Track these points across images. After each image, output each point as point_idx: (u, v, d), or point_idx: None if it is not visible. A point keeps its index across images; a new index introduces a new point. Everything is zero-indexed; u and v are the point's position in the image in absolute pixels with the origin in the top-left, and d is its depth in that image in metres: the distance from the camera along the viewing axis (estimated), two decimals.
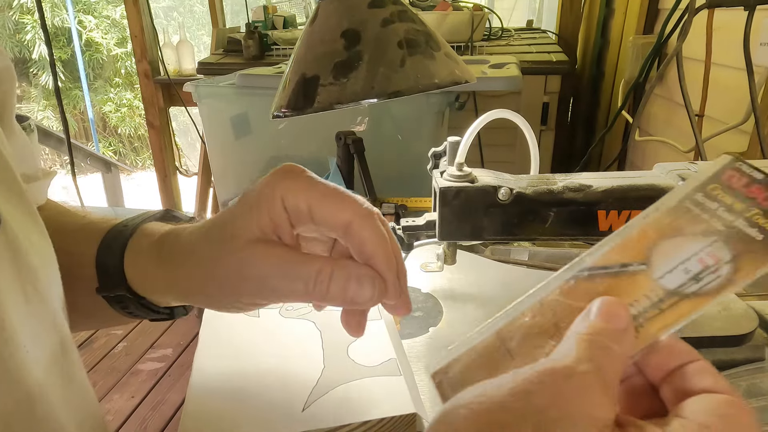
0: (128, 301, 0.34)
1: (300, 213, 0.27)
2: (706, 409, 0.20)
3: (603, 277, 0.24)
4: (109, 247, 0.34)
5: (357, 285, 0.26)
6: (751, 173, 0.23)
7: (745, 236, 0.22)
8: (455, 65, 0.48)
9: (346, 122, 1.34)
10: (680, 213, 0.23)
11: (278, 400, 0.54)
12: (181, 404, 1.73)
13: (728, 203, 0.23)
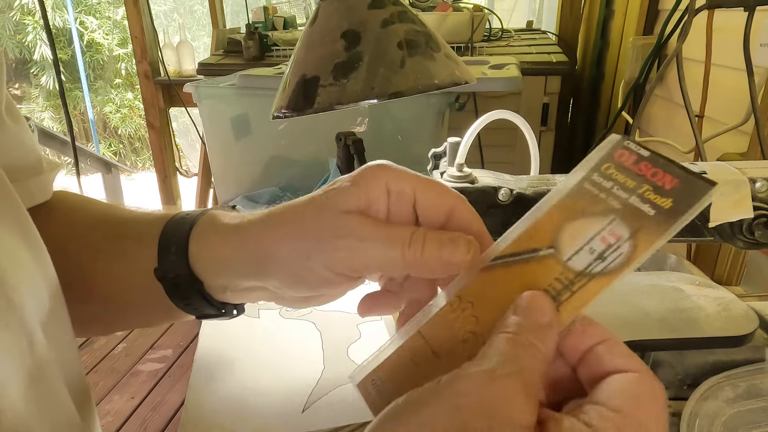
0: (185, 286, 0.32)
1: (403, 196, 0.27)
2: (618, 391, 0.20)
3: (516, 264, 0.24)
4: (175, 225, 0.32)
5: (452, 245, 0.25)
6: (638, 151, 0.24)
7: (640, 212, 0.23)
8: (455, 66, 0.48)
9: (346, 123, 1.34)
10: (581, 194, 0.24)
11: (278, 401, 0.54)
12: (181, 405, 1.73)
13: (622, 181, 0.24)
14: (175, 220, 0.33)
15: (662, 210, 0.23)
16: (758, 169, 0.43)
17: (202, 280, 0.32)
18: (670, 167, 0.23)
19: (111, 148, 7.52)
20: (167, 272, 0.32)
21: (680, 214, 0.22)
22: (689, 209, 0.22)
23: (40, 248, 0.29)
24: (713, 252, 0.93)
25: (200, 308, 0.33)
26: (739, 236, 0.43)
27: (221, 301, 0.33)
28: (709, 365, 0.53)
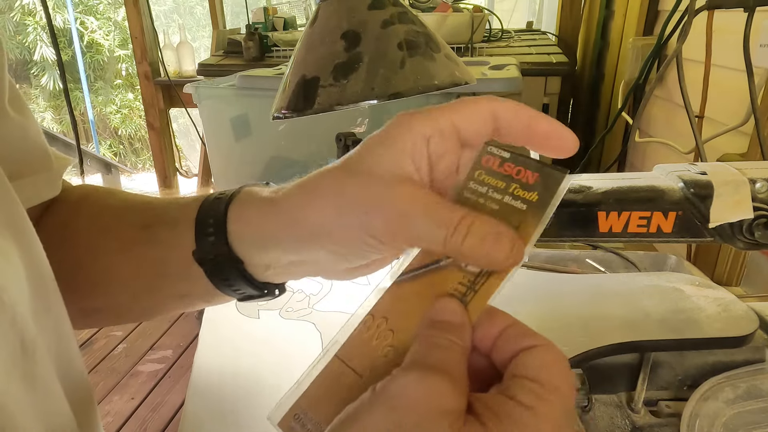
0: (226, 266, 0.31)
1: (444, 135, 0.27)
2: (531, 363, 0.22)
3: (422, 276, 0.26)
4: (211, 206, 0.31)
5: (494, 240, 0.25)
6: (500, 153, 0.26)
7: (515, 209, 0.25)
8: (455, 66, 0.48)
9: (346, 123, 1.34)
10: (464, 203, 0.26)
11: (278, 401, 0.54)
12: (181, 405, 1.73)
13: (494, 184, 0.26)
14: (210, 200, 0.32)
15: (531, 203, 0.25)
16: (758, 170, 0.43)
17: (243, 259, 0.31)
18: (528, 163, 0.26)
19: (111, 148, 7.52)
20: (207, 254, 0.31)
21: (546, 204, 0.25)
22: (552, 198, 0.25)
23: (34, 246, 0.29)
24: (713, 253, 0.93)
25: (243, 289, 0.32)
26: (739, 237, 0.43)
27: (262, 281, 0.32)
28: (709, 366, 0.53)
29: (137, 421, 1.79)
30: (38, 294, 0.28)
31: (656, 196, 0.43)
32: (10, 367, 0.25)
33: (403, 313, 0.26)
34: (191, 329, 2.21)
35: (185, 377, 1.96)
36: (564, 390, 0.22)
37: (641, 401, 0.53)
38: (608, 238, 0.44)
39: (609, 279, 0.71)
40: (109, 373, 2.00)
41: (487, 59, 1.59)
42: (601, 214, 0.43)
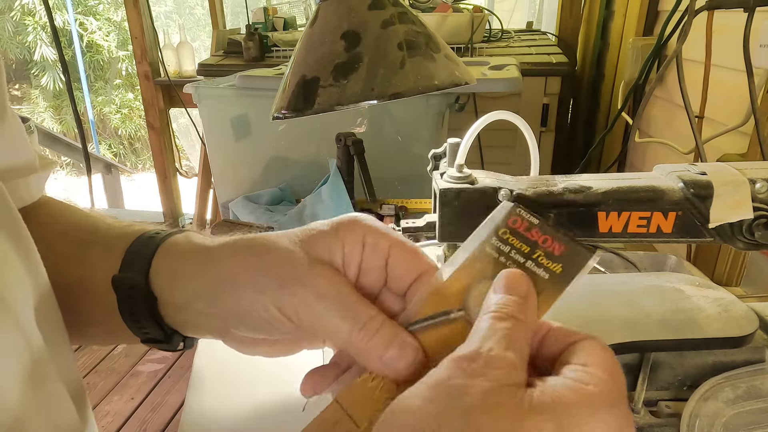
0: (139, 300, 0.31)
1: (378, 250, 0.27)
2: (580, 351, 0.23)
3: (431, 328, 0.25)
4: (147, 239, 0.32)
5: (399, 350, 0.25)
6: (529, 218, 0.26)
7: (536, 276, 0.25)
8: (455, 67, 0.48)
9: (346, 124, 1.34)
10: (482, 257, 0.26)
11: (278, 402, 0.54)
12: (181, 406, 1.73)
13: (518, 246, 0.26)
14: (148, 235, 0.32)
15: (555, 274, 0.25)
16: (758, 170, 0.43)
17: (158, 295, 0.31)
18: (557, 235, 0.26)
19: (111, 149, 7.52)
20: (124, 282, 0.31)
21: (570, 279, 0.25)
22: (576, 274, 0.25)
23: (32, 250, 0.29)
24: (713, 253, 0.93)
25: (148, 329, 0.32)
26: (739, 237, 0.43)
27: (171, 327, 0.32)
28: (709, 366, 0.53)
29: (137, 421, 1.79)
30: (38, 297, 0.28)
31: (656, 196, 0.43)
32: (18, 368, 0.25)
33: (419, 366, 0.25)
34: None
35: (185, 377, 1.96)
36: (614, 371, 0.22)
37: (641, 401, 0.53)
38: (608, 238, 0.44)
39: (609, 279, 0.71)
40: (109, 373, 2.00)
41: (487, 59, 1.59)
42: (601, 214, 0.43)
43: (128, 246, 0.32)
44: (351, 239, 0.28)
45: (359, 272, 0.28)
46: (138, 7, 2.55)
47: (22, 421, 0.24)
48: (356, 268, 0.28)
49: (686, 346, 0.52)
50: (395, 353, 0.25)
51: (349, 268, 0.28)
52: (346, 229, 0.28)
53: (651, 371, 0.53)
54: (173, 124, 2.93)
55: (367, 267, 0.28)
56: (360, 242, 0.28)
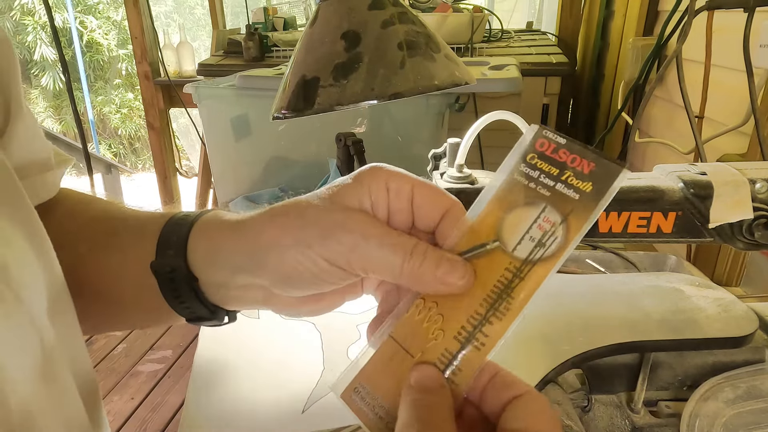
0: (180, 282, 0.31)
1: (402, 193, 0.28)
2: (518, 414, 0.24)
3: (469, 260, 0.26)
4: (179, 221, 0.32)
5: (449, 266, 0.26)
6: (556, 139, 0.26)
7: (566, 198, 0.25)
8: (455, 67, 0.48)
9: (346, 124, 1.34)
10: (513, 186, 0.26)
11: (278, 402, 0.54)
12: (181, 406, 1.73)
13: (546, 169, 0.26)
14: (178, 217, 0.33)
15: (585, 194, 0.25)
16: (758, 170, 0.43)
17: (198, 275, 0.31)
18: (585, 152, 0.25)
19: (111, 149, 7.52)
20: (163, 266, 0.31)
21: (601, 196, 0.25)
22: (607, 191, 0.24)
23: (47, 247, 0.29)
24: (713, 253, 0.93)
25: (193, 308, 0.33)
26: (739, 237, 0.43)
27: (214, 304, 0.33)
28: (709, 366, 0.53)
29: (137, 421, 1.79)
30: (52, 293, 0.28)
31: (656, 196, 0.43)
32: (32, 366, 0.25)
33: (453, 297, 0.26)
34: (191, 329, 2.21)
35: (185, 377, 1.96)
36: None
37: (641, 401, 0.53)
38: (608, 238, 0.44)
39: (609, 279, 0.71)
40: (109, 373, 2.00)
41: (487, 59, 1.59)
42: (601, 214, 0.43)
43: (161, 229, 0.32)
44: (375, 186, 0.28)
45: (388, 215, 0.29)
46: (138, 7, 2.55)
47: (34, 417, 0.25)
48: (385, 212, 0.29)
49: (686, 346, 0.52)
50: (447, 268, 0.26)
51: (378, 213, 0.29)
52: (370, 177, 0.29)
53: (651, 371, 0.53)
54: (173, 124, 2.93)
55: (394, 209, 0.29)
56: (384, 188, 0.28)
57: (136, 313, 0.36)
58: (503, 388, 0.25)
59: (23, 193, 0.28)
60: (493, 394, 0.25)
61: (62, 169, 0.37)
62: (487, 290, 0.26)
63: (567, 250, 0.25)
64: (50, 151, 0.36)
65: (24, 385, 0.24)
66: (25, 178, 0.33)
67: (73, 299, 0.33)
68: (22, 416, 0.24)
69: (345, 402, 0.27)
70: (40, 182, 0.35)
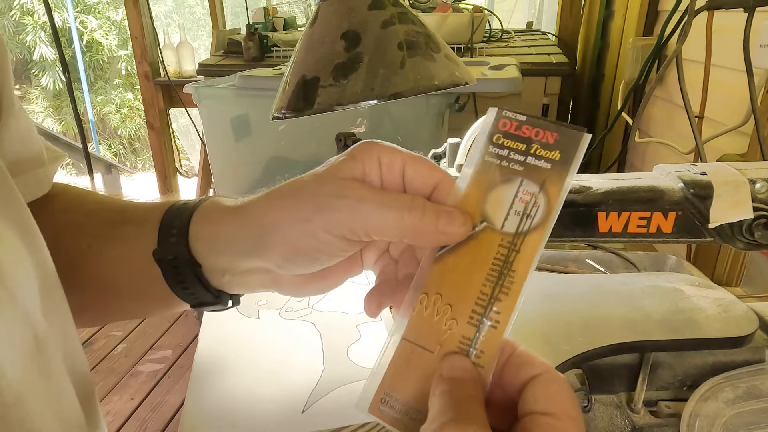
0: (183, 268, 0.32)
1: (394, 167, 0.29)
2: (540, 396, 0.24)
3: (461, 246, 0.27)
4: (178, 210, 0.33)
5: (448, 217, 0.27)
6: (516, 117, 0.27)
7: (539, 168, 0.26)
8: (455, 67, 0.48)
9: (346, 124, 1.34)
10: (486, 168, 0.27)
11: (278, 402, 0.54)
12: (181, 406, 1.73)
13: (514, 146, 0.27)
14: (178, 205, 0.33)
15: (555, 161, 0.26)
16: (758, 170, 0.43)
17: (201, 262, 0.32)
18: (546, 125, 0.27)
19: (111, 149, 7.52)
20: (166, 253, 0.32)
21: (570, 161, 0.26)
22: (574, 156, 0.26)
23: (39, 244, 0.29)
24: (713, 253, 0.93)
25: (197, 293, 0.33)
26: (739, 237, 0.43)
27: (218, 289, 0.33)
28: (709, 366, 0.53)
29: (137, 421, 1.79)
30: (45, 290, 0.28)
31: (656, 196, 0.43)
32: (27, 363, 0.25)
33: (455, 284, 0.27)
34: (191, 329, 2.21)
35: (185, 377, 1.96)
36: (574, 415, 0.23)
37: (641, 401, 0.53)
38: (608, 238, 0.44)
39: (609, 279, 0.71)
40: (109, 373, 1.99)
41: (487, 59, 1.59)
42: (601, 214, 0.43)
43: (161, 218, 0.33)
44: (368, 160, 0.29)
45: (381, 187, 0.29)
46: (138, 7, 2.55)
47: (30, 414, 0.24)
48: (378, 185, 0.29)
49: (686, 346, 0.52)
50: (447, 219, 0.27)
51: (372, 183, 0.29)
52: (362, 152, 0.29)
53: (651, 371, 0.53)
54: (173, 124, 2.93)
55: (387, 182, 0.29)
56: (376, 161, 0.29)
57: (140, 302, 0.37)
58: (521, 367, 0.25)
59: (15, 189, 0.28)
60: (511, 373, 0.25)
61: (55, 165, 0.37)
62: (486, 269, 0.26)
63: (552, 216, 0.26)
64: (42, 148, 0.36)
65: (19, 382, 0.24)
66: (17, 174, 0.33)
67: (76, 294, 0.33)
68: (19, 413, 0.24)
69: (376, 416, 0.26)
70: (32, 179, 0.35)
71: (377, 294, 0.31)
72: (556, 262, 0.84)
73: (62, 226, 0.35)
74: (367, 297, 0.31)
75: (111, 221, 0.35)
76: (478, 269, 0.26)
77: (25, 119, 0.34)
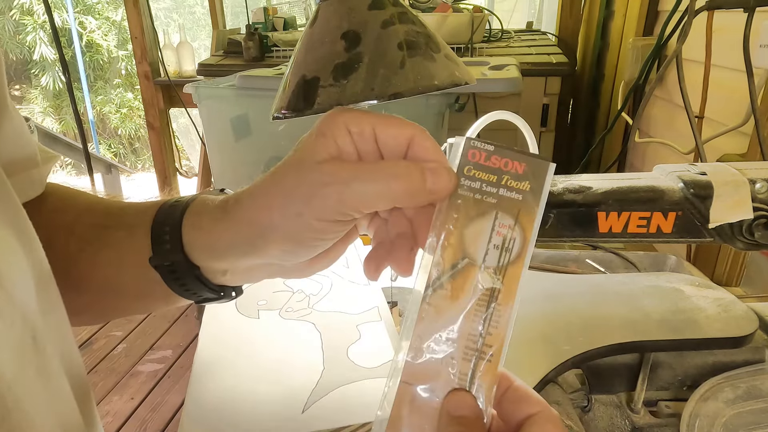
0: (182, 272, 0.32)
1: (364, 134, 0.29)
2: None
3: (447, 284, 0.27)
4: (166, 214, 0.33)
5: (434, 174, 0.27)
6: (485, 147, 0.27)
7: (511, 200, 0.27)
8: (455, 67, 0.48)
9: None
10: (461, 201, 0.27)
11: (278, 402, 0.54)
12: (181, 406, 1.73)
13: (485, 178, 0.27)
14: (166, 208, 0.33)
15: (525, 192, 0.27)
16: (758, 170, 0.43)
17: (199, 265, 0.32)
18: (514, 155, 0.27)
19: (111, 149, 7.52)
20: (162, 260, 0.32)
21: (539, 192, 0.26)
22: (543, 186, 0.26)
23: (35, 244, 0.29)
24: (713, 253, 0.93)
25: (199, 292, 0.33)
26: (739, 237, 0.43)
27: (219, 284, 0.33)
28: (709, 366, 0.53)
29: (137, 421, 1.79)
30: (42, 291, 0.28)
31: (656, 196, 0.43)
32: (25, 363, 0.25)
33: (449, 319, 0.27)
34: (191, 329, 2.21)
35: (185, 377, 1.96)
36: None
37: (641, 401, 0.53)
38: (608, 238, 0.44)
39: (609, 279, 0.71)
40: (109, 373, 1.99)
41: (487, 59, 1.59)
42: (601, 214, 0.43)
43: (150, 223, 0.33)
44: (337, 132, 0.29)
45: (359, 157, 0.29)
46: (138, 7, 2.55)
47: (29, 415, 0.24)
48: (354, 155, 0.29)
49: (686, 346, 0.52)
50: (433, 177, 0.27)
51: (350, 157, 0.29)
52: (329, 126, 0.29)
53: (651, 371, 0.53)
54: (173, 124, 2.93)
55: (363, 151, 0.29)
56: (346, 132, 0.29)
57: (142, 301, 0.37)
58: (518, 402, 0.26)
59: (11, 190, 0.28)
60: (508, 408, 0.26)
61: (48, 165, 0.37)
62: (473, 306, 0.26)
63: (529, 248, 0.26)
64: (36, 148, 0.36)
65: (18, 383, 0.24)
66: (11, 175, 0.33)
67: (74, 295, 0.33)
68: (18, 415, 0.24)
69: None
70: (26, 179, 0.35)
71: (375, 257, 0.31)
72: (556, 262, 0.84)
73: (53, 229, 0.35)
74: (366, 261, 0.31)
75: (100, 225, 0.35)
76: (465, 304, 0.26)
77: (19, 120, 0.34)
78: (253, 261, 0.31)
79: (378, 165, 0.28)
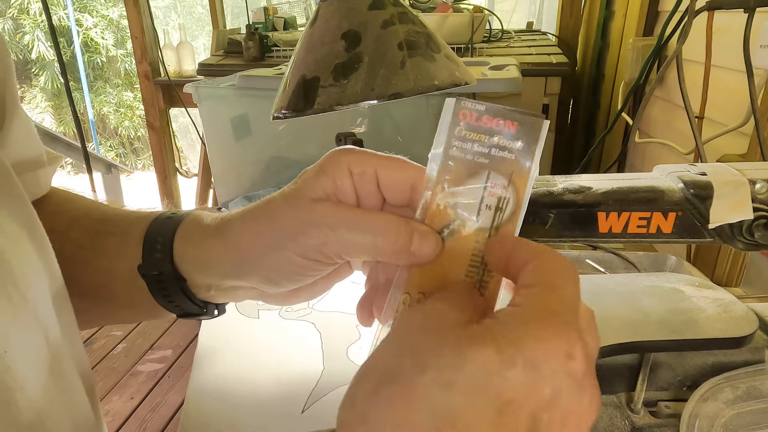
0: (169, 283, 0.32)
1: (366, 176, 0.28)
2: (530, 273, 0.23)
3: None
4: (161, 224, 0.33)
5: (420, 237, 0.27)
6: (475, 107, 0.26)
7: (504, 159, 0.26)
8: (455, 67, 0.48)
9: (346, 124, 1.34)
10: (453, 162, 0.27)
11: (278, 402, 0.54)
12: (181, 405, 1.73)
13: (476, 138, 0.26)
14: (161, 220, 0.33)
15: (518, 151, 0.26)
16: (758, 171, 0.43)
17: (186, 277, 0.32)
18: (505, 113, 0.26)
19: (111, 149, 7.51)
20: (151, 269, 0.32)
21: (533, 150, 0.26)
22: (536, 144, 0.26)
23: (46, 244, 0.29)
24: (713, 253, 0.93)
25: (183, 306, 0.34)
26: (739, 237, 0.43)
27: (203, 300, 0.34)
28: (708, 366, 0.53)
29: (137, 421, 1.79)
30: (53, 291, 0.29)
31: (656, 196, 0.43)
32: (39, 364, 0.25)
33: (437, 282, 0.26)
34: (191, 329, 2.21)
35: (185, 377, 1.96)
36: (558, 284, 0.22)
37: (641, 402, 0.53)
38: (608, 238, 0.44)
39: (609, 279, 0.71)
40: (109, 373, 2.00)
41: (487, 59, 1.59)
42: (601, 214, 0.43)
43: (144, 233, 0.33)
44: (338, 173, 0.29)
45: (357, 199, 0.29)
46: (138, 7, 2.55)
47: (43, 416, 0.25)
48: (353, 197, 0.29)
49: (686, 347, 0.52)
50: (419, 240, 0.27)
51: (347, 198, 0.29)
52: (331, 165, 0.29)
53: (651, 371, 0.53)
54: (173, 123, 2.93)
55: (363, 194, 0.29)
56: (347, 173, 0.29)
57: (130, 310, 0.37)
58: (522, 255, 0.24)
59: (23, 191, 0.28)
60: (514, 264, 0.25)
61: (53, 166, 0.38)
62: (467, 264, 0.26)
63: (522, 207, 0.26)
64: (42, 149, 0.36)
65: (33, 383, 0.24)
66: (19, 175, 0.33)
67: (71, 297, 0.33)
68: (32, 415, 0.24)
69: None
70: (32, 179, 0.36)
71: (367, 302, 0.30)
72: None
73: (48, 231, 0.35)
74: (359, 307, 0.30)
75: (93, 231, 0.35)
76: (458, 264, 0.26)
77: (27, 120, 0.35)
78: (237, 282, 0.32)
79: (369, 216, 0.28)
